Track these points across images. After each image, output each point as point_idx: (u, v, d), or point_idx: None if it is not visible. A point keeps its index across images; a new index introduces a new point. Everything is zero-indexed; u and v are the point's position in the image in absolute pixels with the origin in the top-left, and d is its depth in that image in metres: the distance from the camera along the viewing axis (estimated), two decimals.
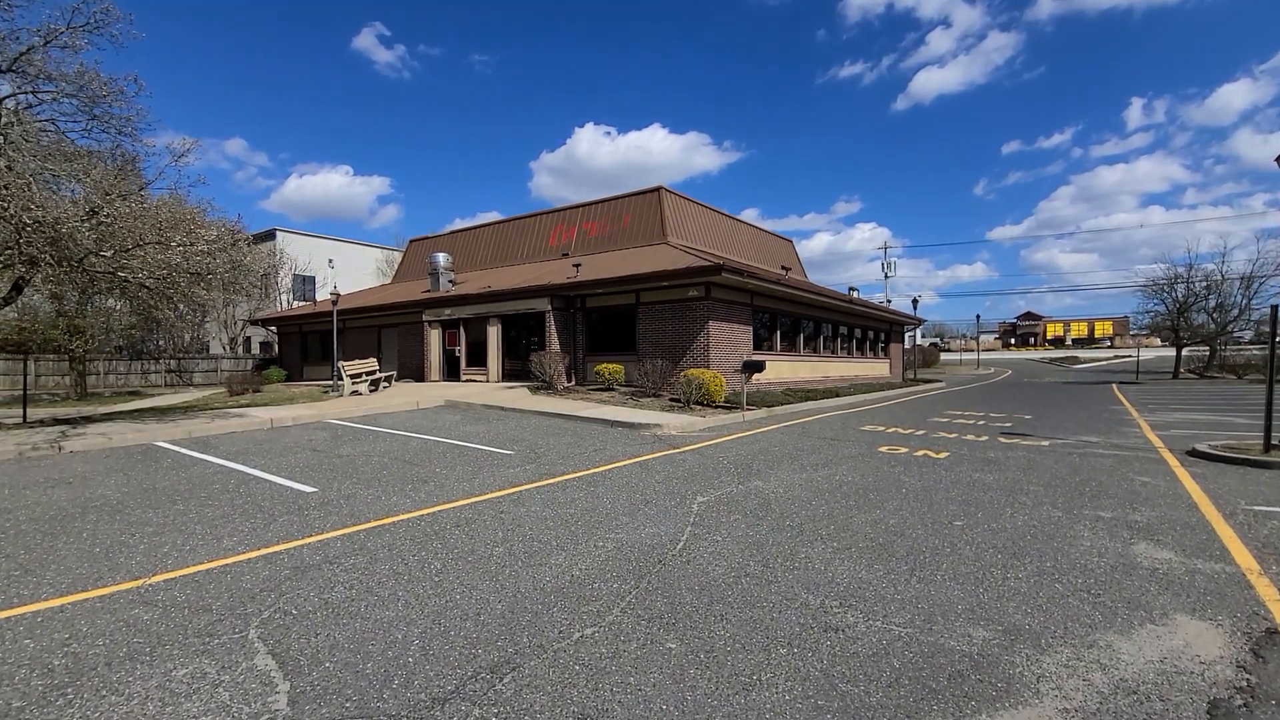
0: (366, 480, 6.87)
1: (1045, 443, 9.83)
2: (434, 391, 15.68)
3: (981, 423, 12.73)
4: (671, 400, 14.24)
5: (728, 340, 15.81)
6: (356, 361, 16.73)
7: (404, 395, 15.08)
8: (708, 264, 14.06)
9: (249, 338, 38.69)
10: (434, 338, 20.08)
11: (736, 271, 14.19)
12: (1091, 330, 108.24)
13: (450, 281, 21.14)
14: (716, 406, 13.66)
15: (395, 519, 5.32)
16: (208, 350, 37.94)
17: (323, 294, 36.88)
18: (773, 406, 14.09)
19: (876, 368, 26.83)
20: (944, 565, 4.18)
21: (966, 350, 78.28)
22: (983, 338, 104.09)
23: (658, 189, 20.62)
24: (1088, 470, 7.49)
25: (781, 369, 18.27)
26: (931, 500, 5.98)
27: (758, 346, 17.55)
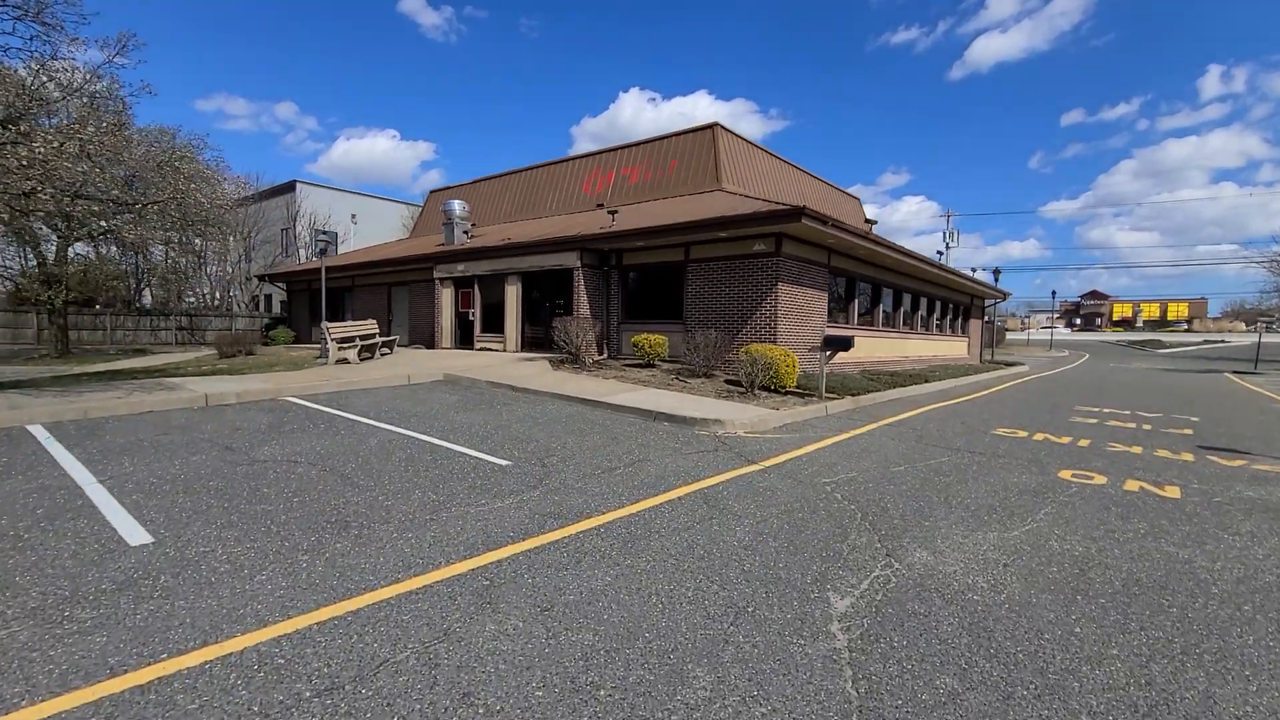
0: (251, 519, 4.12)
1: None
2: (435, 362, 13.01)
3: (1146, 427, 9.39)
4: (728, 383, 11.24)
5: (799, 309, 12.64)
6: (347, 323, 14.13)
7: (398, 366, 12.45)
8: (783, 208, 10.84)
9: (269, 295, 36.96)
10: (446, 298, 17.39)
11: (818, 219, 10.92)
12: (1164, 312, 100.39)
13: (465, 233, 18.33)
14: (786, 393, 10.62)
15: (204, 656, 2.53)
16: (230, 309, 36.40)
17: (344, 249, 34.68)
18: (857, 395, 10.97)
19: (955, 347, 23.21)
20: None
21: (1026, 329, 73.00)
22: (1041, 317, 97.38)
23: (712, 125, 17.21)
24: None
25: (858, 346, 15.01)
26: None
27: (831, 318, 14.32)
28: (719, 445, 6.84)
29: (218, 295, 37.64)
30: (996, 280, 27.81)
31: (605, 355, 14.72)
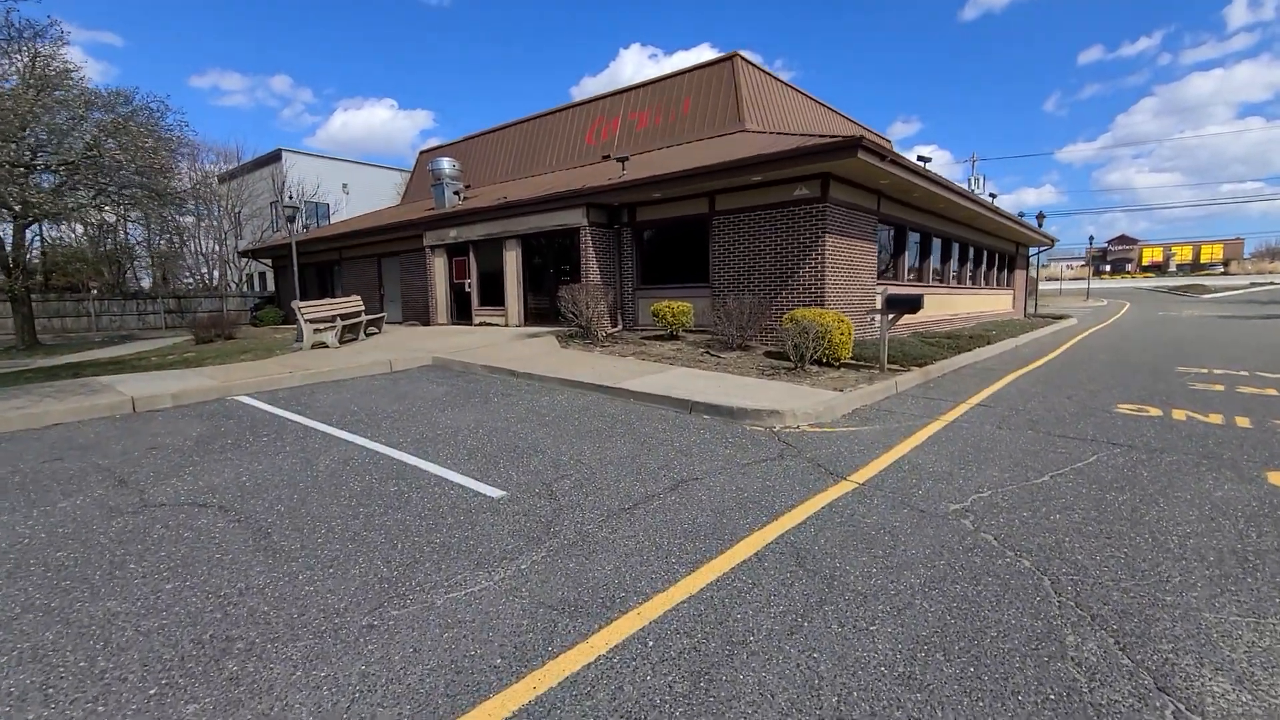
0: (77, 636, 2.51)
1: None
2: (426, 343, 11.34)
3: None
4: (769, 355, 9.52)
5: (848, 264, 10.76)
6: (325, 301, 12.44)
7: (383, 349, 10.81)
8: (835, 140, 8.87)
9: (262, 274, 35.36)
10: (439, 268, 15.62)
11: (876, 153, 8.95)
12: (1197, 255, 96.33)
13: (457, 194, 16.43)
14: (841, 365, 8.89)
15: None
16: (228, 289, 34.86)
17: (337, 220, 32.84)
18: (923, 364, 9.21)
19: (1001, 301, 21.18)
20: None
21: (1057, 279, 70.24)
22: (1062, 265, 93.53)
23: (731, 57, 15.00)
24: None
25: None
26: None
27: (879, 273, 12.43)
28: (784, 448, 5.16)
29: (216, 275, 36.11)
30: (1040, 225, 25.45)
31: (620, 327, 12.99)
